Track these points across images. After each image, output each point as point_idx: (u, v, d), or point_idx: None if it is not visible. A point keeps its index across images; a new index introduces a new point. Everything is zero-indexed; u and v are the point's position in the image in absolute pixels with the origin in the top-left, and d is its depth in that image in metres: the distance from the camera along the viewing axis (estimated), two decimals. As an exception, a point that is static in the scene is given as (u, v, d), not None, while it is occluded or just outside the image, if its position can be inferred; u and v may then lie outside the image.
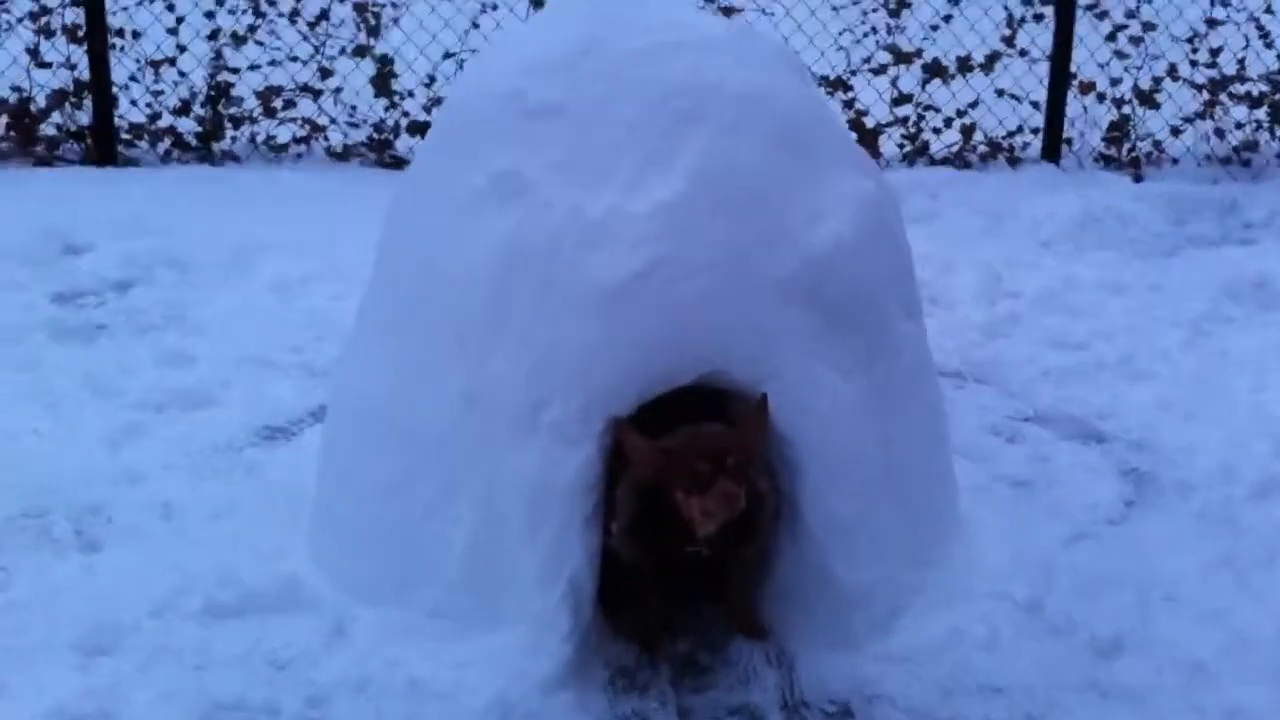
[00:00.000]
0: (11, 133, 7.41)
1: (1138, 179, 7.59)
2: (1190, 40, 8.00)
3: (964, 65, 7.99)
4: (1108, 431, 4.37)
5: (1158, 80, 8.00)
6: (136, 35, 7.50)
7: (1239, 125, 7.96)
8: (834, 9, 8.12)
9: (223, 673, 3.02)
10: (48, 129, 7.45)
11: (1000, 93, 7.94)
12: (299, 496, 3.55)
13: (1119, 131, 7.99)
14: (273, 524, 3.51)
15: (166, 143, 7.50)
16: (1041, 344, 5.09)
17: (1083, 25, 7.93)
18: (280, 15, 7.69)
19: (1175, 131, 7.98)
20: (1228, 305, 5.36)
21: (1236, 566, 3.51)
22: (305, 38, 7.72)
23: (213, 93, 7.54)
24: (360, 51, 7.65)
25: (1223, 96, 7.97)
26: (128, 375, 4.50)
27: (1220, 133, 7.94)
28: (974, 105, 7.95)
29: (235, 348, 4.75)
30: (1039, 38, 8.01)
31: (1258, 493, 3.90)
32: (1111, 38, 8.13)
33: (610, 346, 2.98)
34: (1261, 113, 8.00)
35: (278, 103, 7.59)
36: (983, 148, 7.91)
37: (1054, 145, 7.87)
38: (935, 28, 8.17)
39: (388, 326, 3.28)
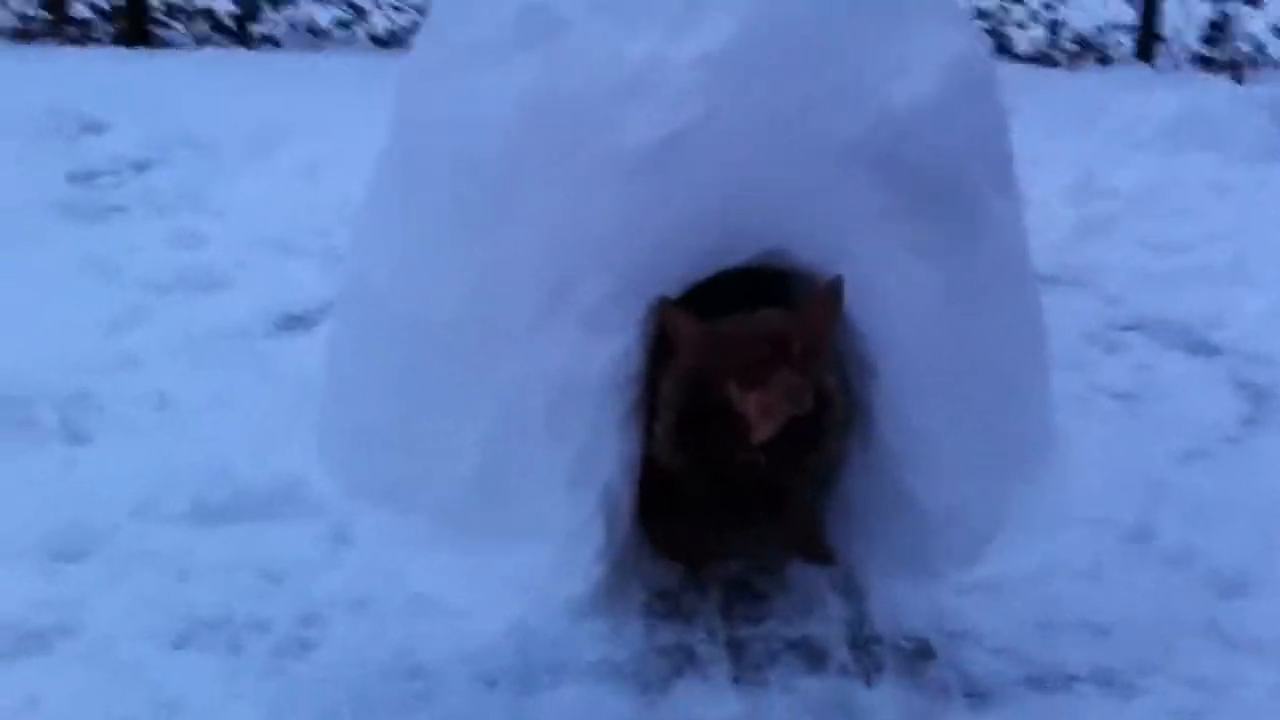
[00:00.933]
0: (43, 11, 7.06)
1: (1239, 80, 7.06)
2: (1300, -69, 7.34)
3: None
4: (1219, 341, 3.92)
5: None
6: (174, -89, 7.09)
7: (1355, 26, 7.32)
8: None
9: (207, 583, 2.65)
10: (80, 7, 7.09)
11: None
12: (309, 390, 3.15)
13: (1219, 31, 7.44)
14: (277, 419, 3.14)
15: (203, 25, 7.17)
16: (1141, 246, 4.63)
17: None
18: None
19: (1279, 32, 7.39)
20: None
21: (1374, 495, 3.06)
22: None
23: (250, -27, 7.13)
24: (403, -68, 7.19)
25: None
26: (135, 256, 4.14)
27: None
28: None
29: (255, 231, 4.39)
30: None
31: (1392, 411, 3.41)
32: None
33: (648, 217, 2.54)
34: (1381, 9, 7.40)
35: (319, -17, 7.19)
36: (1071, 45, 7.40)
37: (1147, 44, 7.42)
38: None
39: (396, 199, 2.85)
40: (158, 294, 3.89)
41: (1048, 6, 7.42)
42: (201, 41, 7.11)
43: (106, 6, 7.11)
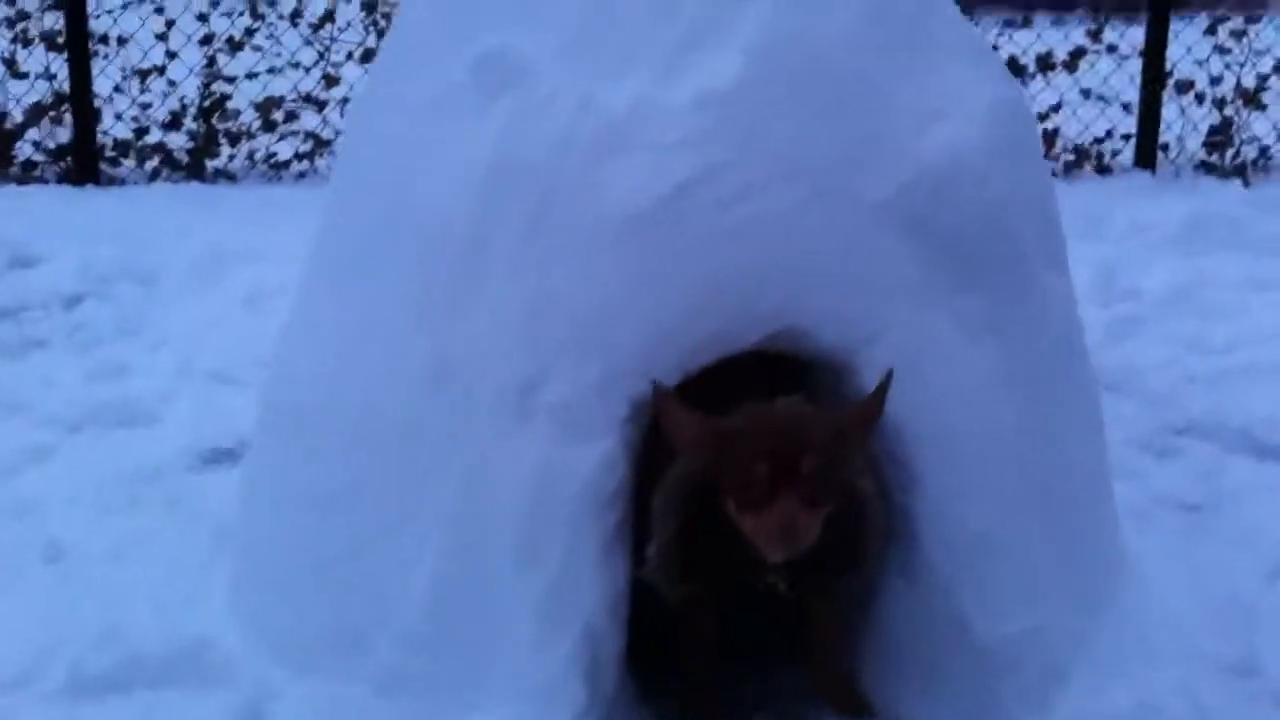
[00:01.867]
0: (-15, 153, 6.70)
1: (1245, 185, 6.84)
2: (1300, 30, 7.20)
3: (1045, 64, 7.25)
4: None
5: (1263, 78, 7.25)
6: (122, 41, 6.83)
7: (1356, 130, 7.14)
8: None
9: (88, 769, 2.09)
10: (25, 146, 6.72)
11: (1086, 94, 7.22)
12: (231, 533, 2.63)
13: (1221, 135, 7.24)
14: (188, 569, 2.64)
15: (155, 160, 6.80)
16: (1177, 347, 4.29)
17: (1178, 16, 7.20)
18: (280, 17, 7.02)
19: None
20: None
21: None
22: (308, 42, 7.01)
23: (206, 104, 6.87)
24: (369, 56, 6.84)
25: None
26: (47, 391, 3.63)
27: None
28: (1057, 108, 7.19)
29: (189, 361, 3.99)
30: (1129, 32, 7.27)
31: None
32: (1211, 30, 7.34)
33: (634, 297, 2.07)
34: (1384, 111, 7.16)
35: (278, 115, 6.90)
36: (1068, 156, 7.12)
37: (1148, 152, 7.14)
38: (1010, 23, 7.36)
39: (335, 285, 2.38)
40: (65, 432, 3.40)
41: (1042, 117, 7.12)
42: (154, 178, 6.71)
43: (52, 144, 6.70)
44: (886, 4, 2.32)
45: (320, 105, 6.94)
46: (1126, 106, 7.24)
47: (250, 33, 6.97)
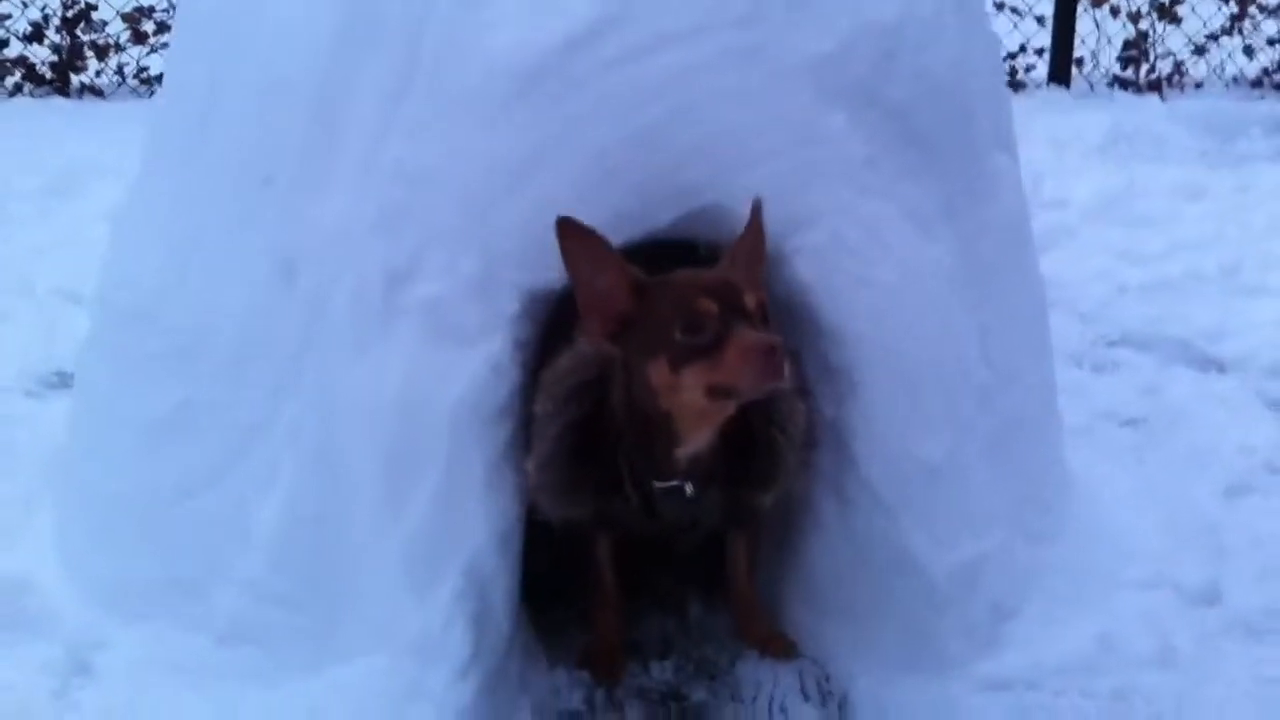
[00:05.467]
0: None
1: (1161, 100, 6.69)
2: (1214, -55, 7.15)
3: None
4: (1228, 356, 3.33)
5: None
6: (-22, -54, 6.37)
7: (1271, 42, 7.04)
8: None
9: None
10: None
11: (1000, 6, 7.02)
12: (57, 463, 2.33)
13: (1136, 50, 7.08)
14: (10, 504, 2.31)
15: (16, 75, 6.39)
16: (1110, 257, 4.08)
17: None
18: (150, -81, 6.61)
19: (1199, 50, 7.05)
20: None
21: None
22: (179, -56, 6.55)
23: (69, 15, 6.46)
24: (245, -41, 6.45)
25: (1252, 9, 7.07)
26: None
27: (1249, 51, 7.04)
28: (970, 22, 6.98)
29: (31, 280, 3.63)
30: None
31: None
32: None
33: (522, 169, 1.77)
34: (1298, 26, 7.13)
35: (148, 26, 6.49)
36: (982, 71, 6.93)
37: (1063, 67, 6.97)
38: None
39: (167, 180, 2.03)
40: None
41: (955, 31, 6.91)
42: (16, 92, 6.35)
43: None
44: None
45: (194, 13, 6.51)
46: (1040, 20, 7.10)
47: (115, -66, 6.52)
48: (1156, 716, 1.91)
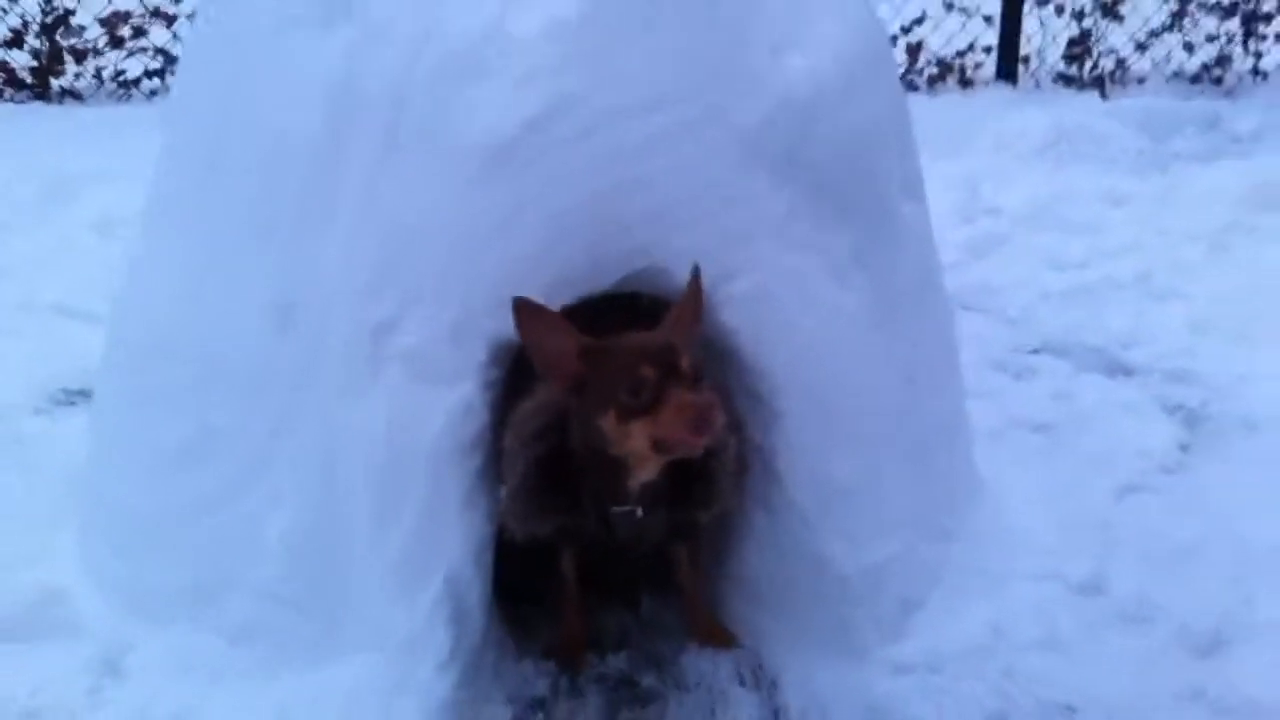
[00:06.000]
0: None
1: (1103, 97, 6.92)
2: (1156, -58, 7.25)
3: None
4: (1137, 361, 3.57)
5: None
6: (-44, -44, 6.44)
7: (1210, 39, 7.31)
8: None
9: (-68, 738, 2.03)
10: None
11: (949, 6, 7.26)
12: (80, 481, 2.54)
13: (1080, 48, 7.30)
14: (33, 519, 2.56)
15: (-4, 80, 6.47)
16: (1037, 264, 4.34)
17: (1039, -72, 7.18)
18: (124, -75, 6.67)
19: (1141, 47, 7.34)
20: (1250, 215, 4.48)
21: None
22: (154, -47, 6.69)
23: (48, 21, 6.55)
24: (219, -34, 6.59)
25: (1192, 7, 7.34)
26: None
27: (1190, 47, 7.31)
28: (919, 21, 7.18)
29: (28, 298, 3.80)
30: None
31: (1340, 426, 3.07)
32: None
33: (490, 234, 2.01)
34: (1234, 24, 7.29)
35: (125, 31, 6.62)
36: (931, 69, 7.14)
37: (1010, 64, 7.19)
38: (875, -66, 7.30)
39: (176, 214, 2.28)
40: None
41: (905, 29, 7.15)
42: (-4, 98, 6.40)
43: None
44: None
45: (170, 20, 6.66)
46: (988, 19, 7.27)
47: (92, -57, 6.64)
48: (1041, 694, 2.15)
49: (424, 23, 2.04)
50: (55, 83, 6.54)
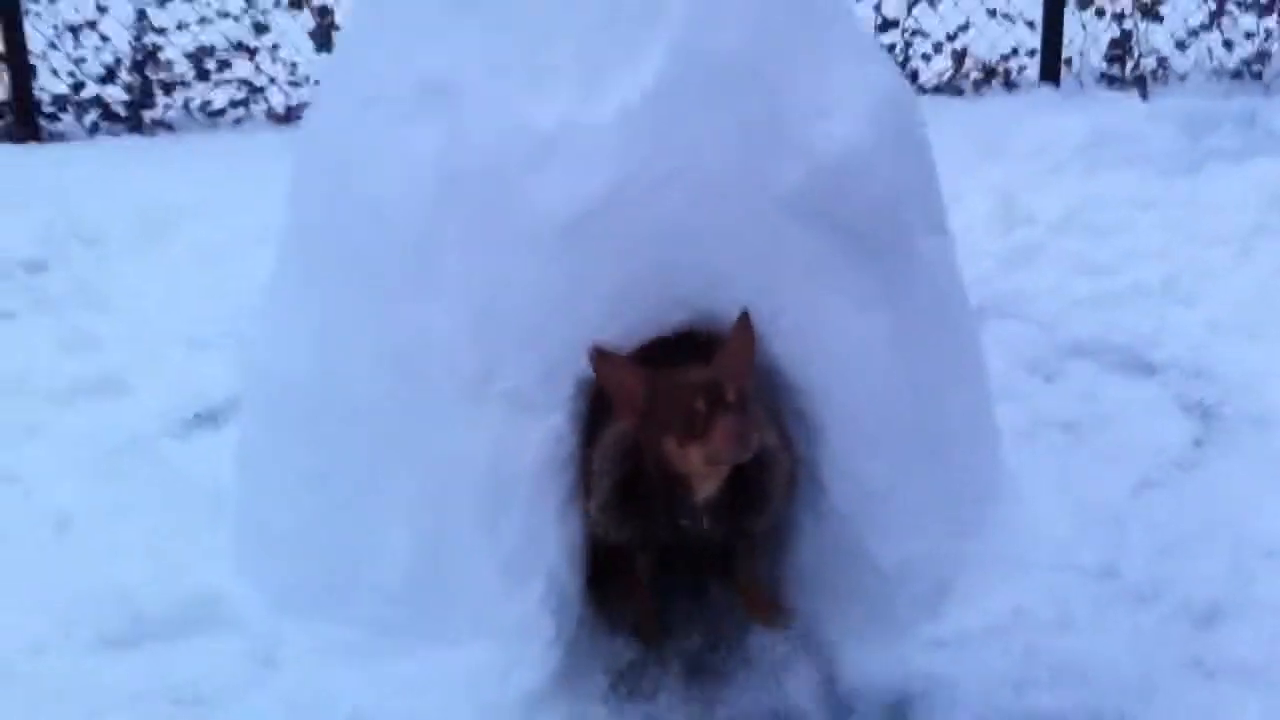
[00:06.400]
0: (-78, 113, 6.78)
1: (1144, 97, 7.08)
2: (1194, -56, 7.41)
3: None
4: (1158, 361, 3.85)
5: None
6: (53, -1, 6.87)
7: (1249, 36, 7.45)
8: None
9: (120, 717, 2.42)
10: (-38, 108, 6.82)
11: (992, 13, 7.44)
12: (222, 496, 2.96)
13: (1121, 49, 7.46)
14: (186, 530, 2.95)
15: (93, 114, 6.88)
16: (1069, 270, 4.58)
17: (1079, -66, 7.36)
18: (208, -32, 7.08)
19: (1181, 46, 7.48)
20: (1275, 217, 4.75)
21: (1338, 509, 2.97)
22: (236, -9, 7.11)
23: (139, 57, 6.94)
24: (297, 3, 7.00)
25: (1230, 6, 7.46)
26: (28, 365, 3.89)
27: (1229, 44, 7.45)
28: (965, 28, 7.40)
29: (153, 328, 4.17)
30: None
31: (1346, 418, 3.35)
32: None
33: (571, 291, 2.40)
34: (1272, 21, 7.43)
35: (211, 64, 7.02)
36: (976, 73, 7.40)
37: (1053, 67, 7.38)
38: (917, -55, 7.56)
39: (303, 280, 2.68)
40: (54, 405, 3.66)
41: (951, 37, 7.40)
42: (94, 132, 6.82)
43: (-9, 105, 6.80)
44: (781, 14, 2.62)
45: (251, 52, 7.07)
46: (1031, 24, 7.46)
47: (179, -16, 7.04)
48: (1056, 665, 2.49)
49: (512, 113, 2.43)
50: (147, 115, 6.93)
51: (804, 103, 2.54)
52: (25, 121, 6.73)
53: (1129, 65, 7.43)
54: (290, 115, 6.92)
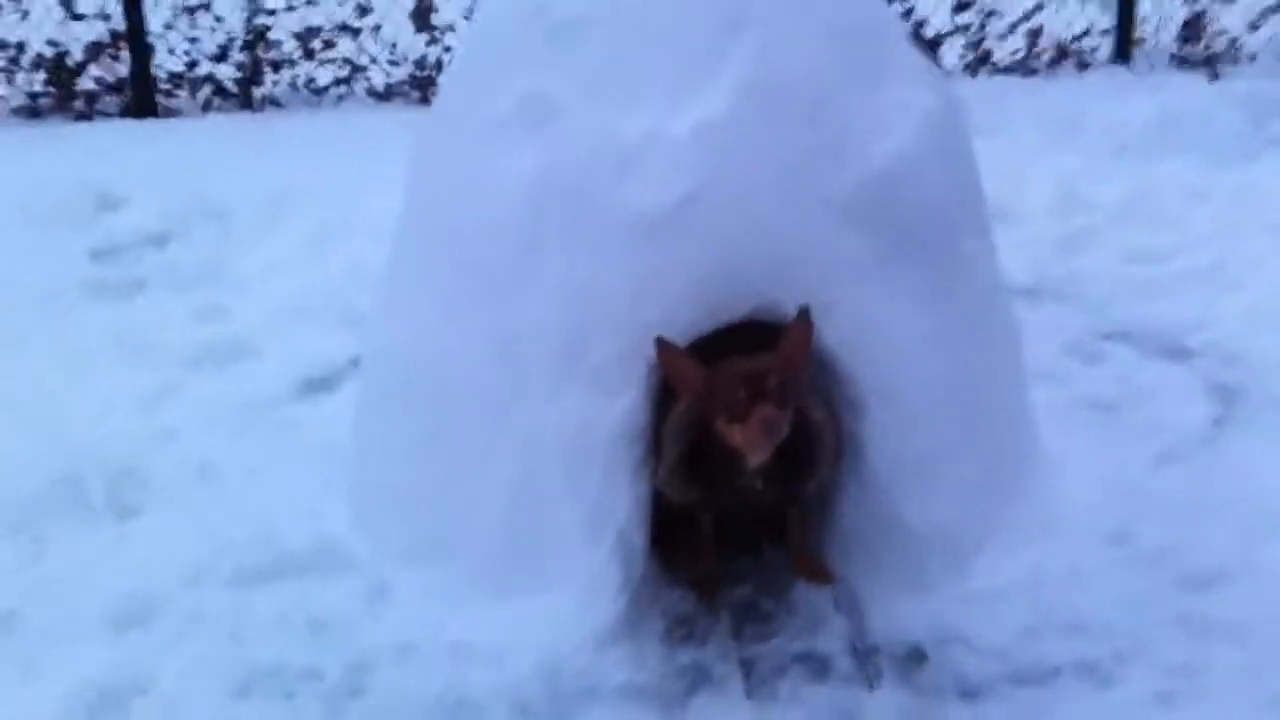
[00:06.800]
0: (50, 88, 7.25)
1: (1214, 77, 7.22)
2: (1267, -75, 7.49)
3: None
4: (1195, 346, 4.12)
5: None
6: (171, -19, 7.33)
7: (1321, 17, 7.50)
8: (887, -88, 7.71)
9: (260, 638, 2.88)
10: (85, 82, 7.28)
11: None
12: (339, 453, 3.38)
13: (1193, 29, 7.60)
14: (311, 482, 3.37)
15: (206, 91, 7.34)
16: (1122, 257, 4.86)
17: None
18: (314, -47, 7.48)
19: (1253, 27, 7.61)
20: (1322, 204, 4.99)
21: (1342, 486, 3.26)
22: (341, -25, 7.51)
23: (250, 37, 7.38)
24: (400, -13, 7.43)
25: None
26: (163, 332, 4.38)
27: None
28: (1039, 8, 7.61)
29: (272, 300, 4.61)
30: None
31: (1361, 401, 3.61)
32: None
33: (651, 284, 2.77)
34: (1346, 2, 7.54)
35: (316, 44, 7.44)
36: (1049, 53, 7.58)
37: (1124, 46, 7.56)
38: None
39: (418, 269, 3.08)
40: (189, 368, 4.12)
41: (1026, 17, 7.59)
42: (206, 108, 7.26)
43: (111, 78, 7.25)
44: (844, 35, 2.97)
45: (355, 33, 7.47)
46: (1104, 3, 7.66)
47: (288, -32, 7.46)
48: (1064, 619, 2.83)
49: (604, 126, 2.81)
50: (256, 92, 7.36)
51: (859, 122, 2.89)
52: (144, 97, 7.18)
53: (1201, 45, 7.57)
54: (390, 93, 7.32)
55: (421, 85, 7.26)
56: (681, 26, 2.88)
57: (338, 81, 7.45)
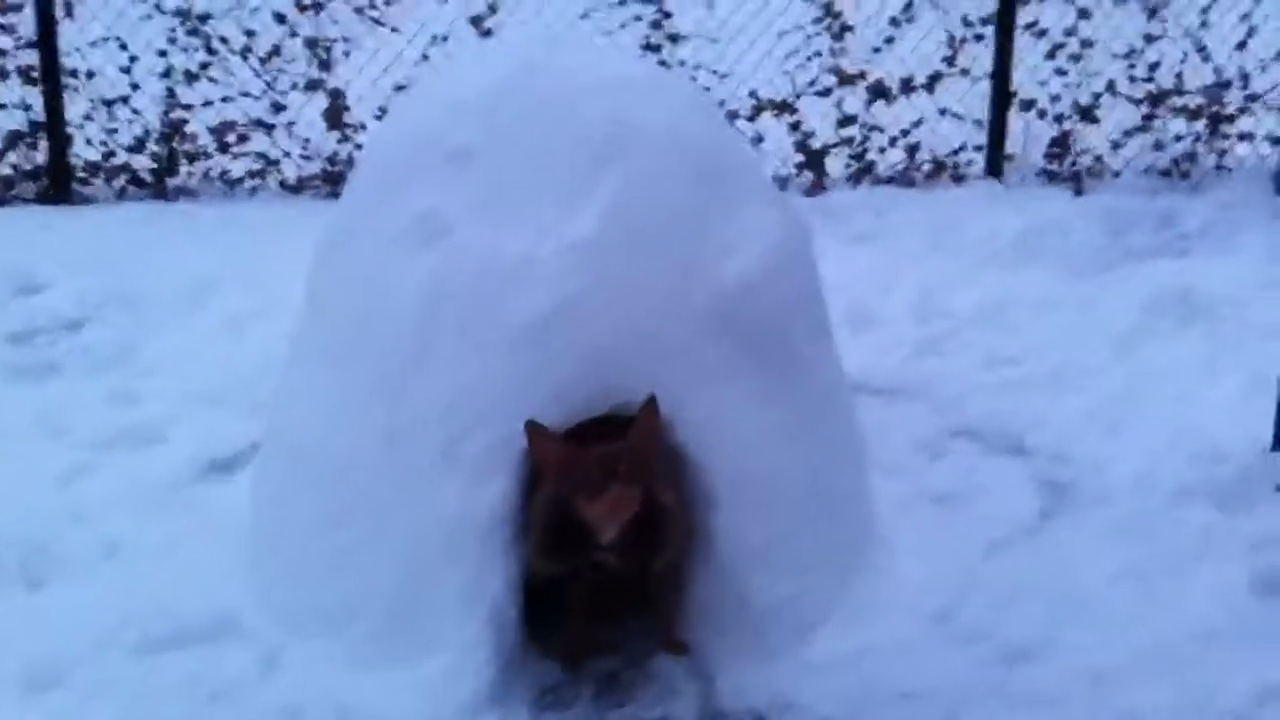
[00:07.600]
0: (-34, 172, 7.45)
1: (1079, 193, 7.68)
2: (1128, 56, 8.10)
3: (907, 85, 8.08)
4: (1031, 445, 4.47)
5: (1097, 96, 8.12)
6: (90, 75, 7.57)
7: (1178, 138, 8.09)
8: (779, 34, 8.22)
9: (162, 703, 3.14)
10: (3, 169, 7.48)
11: (943, 112, 8.07)
12: (243, 531, 3.64)
13: (1060, 147, 8.10)
14: (215, 558, 3.62)
15: (122, 180, 7.58)
16: (974, 361, 5.19)
17: (1023, 43, 8.03)
18: (232, 52, 7.73)
19: (1115, 146, 8.10)
20: (1154, 319, 5.45)
21: (1146, 575, 3.60)
22: (257, 73, 7.77)
23: (166, 130, 7.63)
24: (312, 85, 7.74)
25: (1161, 110, 8.10)
26: (77, 414, 4.59)
27: (1159, 145, 8.08)
28: (918, 124, 8.03)
29: (184, 386, 4.83)
30: (980, 57, 8.08)
31: (1171, 502, 3.95)
32: (1051, 55, 8.19)
33: (527, 384, 3.11)
34: (1200, 125, 8.11)
35: (231, 138, 7.69)
36: (927, 166, 8.01)
37: (997, 162, 8.01)
38: (878, 50, 8.24)
39: (318, 363, 3.41)
40: (101, 449, 4.35)
41: (905, 133, 8.05)
42: (121, 196, 7.47)
43: (28, 166, 7.45)
44: (702, 169, 3.38)
45: (269, 128, 7.76)
46: (979, 122, 8.11)
47: (205, 66, 7.69)
48: (888, 689, 3.16)
49: (489, 244, 3.17)
50: (171, 182, 7.55)
51: (713, 243, 3.29)
52: (59, 185, 7.40)
53: (1067, 162, 8.09)
54: (301, 186, 7.61)
55: (332, 180, 7.55)
56: (559, 159, 3.27)
57: (251, 174, 7.70)
